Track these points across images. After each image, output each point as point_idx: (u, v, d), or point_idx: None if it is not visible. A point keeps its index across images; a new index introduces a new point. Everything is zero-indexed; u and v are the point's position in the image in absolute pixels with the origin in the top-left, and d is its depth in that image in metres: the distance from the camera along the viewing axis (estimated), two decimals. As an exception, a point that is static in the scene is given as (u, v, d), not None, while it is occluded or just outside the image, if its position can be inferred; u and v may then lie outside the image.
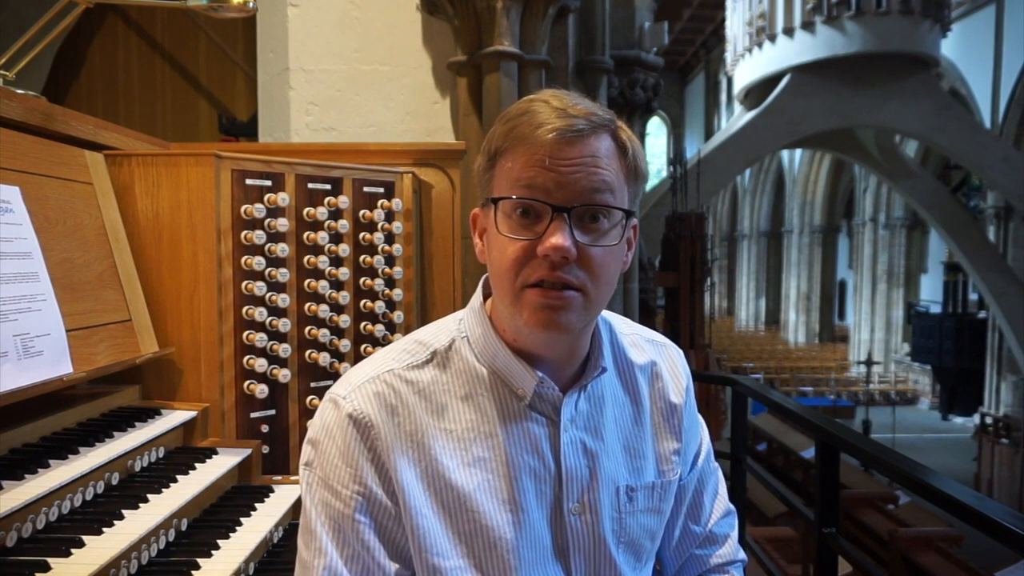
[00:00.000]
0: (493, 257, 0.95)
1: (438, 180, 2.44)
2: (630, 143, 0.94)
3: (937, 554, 7.10)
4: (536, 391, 0.97)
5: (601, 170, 0.90)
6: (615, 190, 0.92)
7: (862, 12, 18.34)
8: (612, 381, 1.06)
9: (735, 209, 33.39)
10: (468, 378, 0.99)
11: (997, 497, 14.26)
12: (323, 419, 0.97)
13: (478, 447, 0.96)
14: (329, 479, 0.94)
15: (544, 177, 0.88)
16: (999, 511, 1.51)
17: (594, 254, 0.90)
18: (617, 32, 4.08)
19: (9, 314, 1.39)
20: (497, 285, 0.95)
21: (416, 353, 1.00)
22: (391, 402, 0.95)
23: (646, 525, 1.05)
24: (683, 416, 1.11)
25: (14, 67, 1.98)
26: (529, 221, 0.90)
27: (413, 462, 0.94)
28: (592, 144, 0.90)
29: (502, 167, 0.92)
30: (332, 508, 0.93)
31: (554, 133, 0.88)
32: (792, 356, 25.81)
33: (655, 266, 8.17)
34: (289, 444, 1.97)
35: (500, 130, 0.93)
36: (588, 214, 0.90)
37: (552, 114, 0.89)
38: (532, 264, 0.89)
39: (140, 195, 1.84)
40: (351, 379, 0.98)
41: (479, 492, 0.95)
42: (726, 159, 18.48)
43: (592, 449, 1.00)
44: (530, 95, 0.96)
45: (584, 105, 0.92)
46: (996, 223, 19.89)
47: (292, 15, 3.37)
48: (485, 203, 0.96)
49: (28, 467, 1.31)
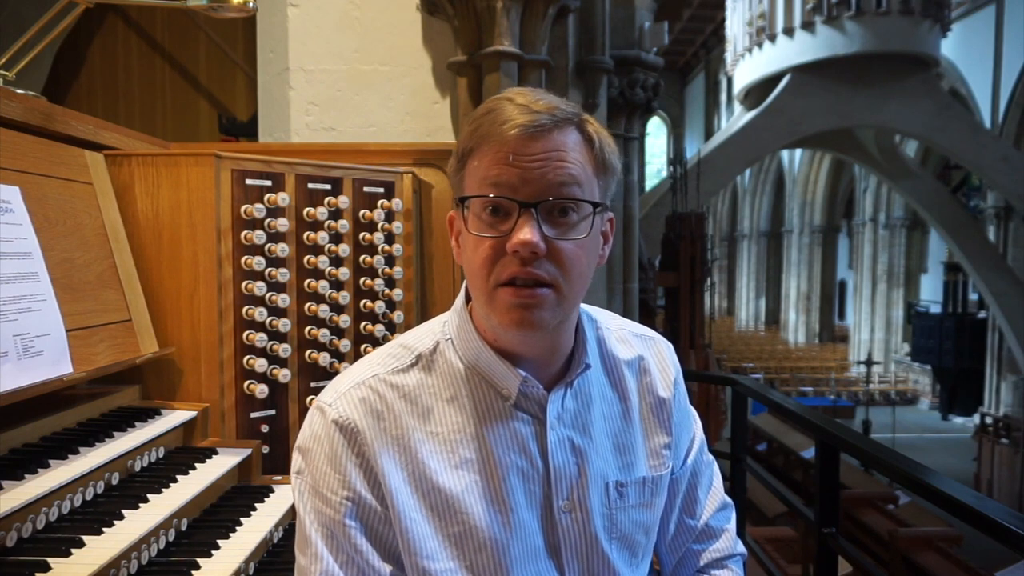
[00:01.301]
0: (466, 258, 0.95)
1: (438, 180, 2.44)
2: (597, 136, 0.95)
3: (937, 554, 7.11)
4: (521, 390, 0.97)
5: (567, 164, 0.90)
6: (583, 183, 0.92)
7: (862, 12, 18.35)
8: (599, 377, 1.06)
9: (735, 209, 33.39)
10: (453, 380, 0.99)
11: (997, 497, 14.26)
12: (311, 427, 0.97)
13: (465, 449, 0.96)
14: (319, 486, 0.94)
15: (509, 174, 0.89)
16: (999, 511, 1.51)
17: (564, 248, 0.90)
18: (617, 32, 4.08)
19: (9, 314, 1.39)
20: (472, 285, 0.95)
21: (401, 357, 1.00)
22: (376, 407, 0.96)
23: (638, 520, 1.05)
24: (672, 410, 1.10)
25: (14, 67, 1.98)
26: (498, 219, 0.90)
27: (400, 466, 0.95)
28: (556, 138, 0.90)
29: (470, 167, 0.93)
30: (323, 515, 0.93)
31: (517, 129, 0.89)
32: (792, 356, 25.81)
33: (655, 266, 8.18)
34: (289, 444, 1.97)
35: (467, 130, 0.94)
36: (556, 208, 0.90)
37: (515, 111, 0.90)
38: (503, 262, 0.90)
39: (140, 195, 1.84)
40: (337, 386, 0.99)
41: (467, 494, 0.95)
42: (726, 159, 18.48)
43: (580, 446, 1.00)
44: (496, 94, 0.97)
45: (548, 100, 0.92)
46: (996, 223, 19.90)
47: (292, 15, 3.37)
48: (456, 204, 0.96)
49: (28, 467, 1.31)
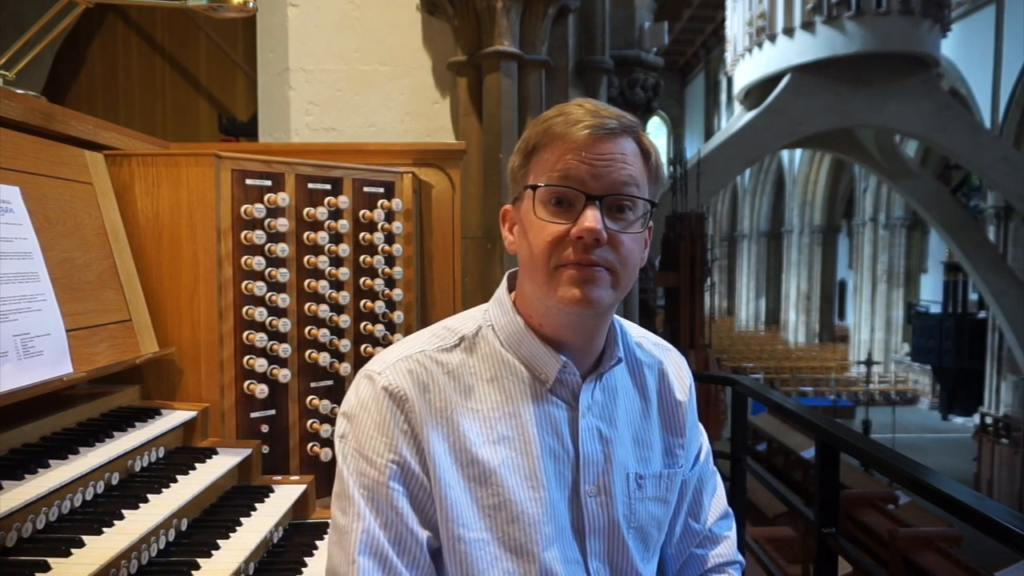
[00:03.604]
0: (529, 241, 1.02)
1: (438, 180, 2.44)
2: (652, 149, 1.05)
3: (937, 554, 7.11)
4: (558, 376, 1.04)
5: (628, 166, 1.00)
6: (640, 186, 1.01)
7: (862, 12, 18.35)
8: (623, 375, 1.13)
9: (735, 209, 33.39)
10: (494, 362, 1.05)
11: (997, 497, 14.26)
12: (358, 393, 1.03)
13: (502, 426, 1.02)
14: (364, 449, 0.99)
15: (579, 168, 0.98)
16: (999, 511, 1.51)
17: (622, 239, 0.99)
18: (617, 32, 4.08)
19: (9, 314, 1.39)
20: (531, 267, 1.02)
21: (445, 338, 1.07)
22: (423, 379, 1.02)
23: (654, 513, 1.11)
24: (687, 414, 1.18)
25: (14, 67, 1.98)
26: (563, 209, 0.99)
27: (443, 436, 1.00)
28: (621, 143, 1.00)
29: (539, 159, 1.01)
30: (367, 476, 0.98)
31: (588, 130, 0.98)
32: (792, 356, 25.82)
33: (655, 266, 8.17)
34: (289, 444, 1.97)
35: (537, 129, 1.02)
36: (616, 204, 0.99)
37: (586, 114, 0.99)
38: (565, 245, 0.98)
39: (140, 195, 1.84)
40: (385, 358, 1.05)
41: (503, 468, 1.00)
42: (726, 159, 18.50)
43: (607, 436, 1.07)
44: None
45: (613, 109, 1.02)
46: (996, 223, 19.91)
47: (292, 15, 3.37)
48: (518, 196, 1.04)
49: (28, 467, 1.31)
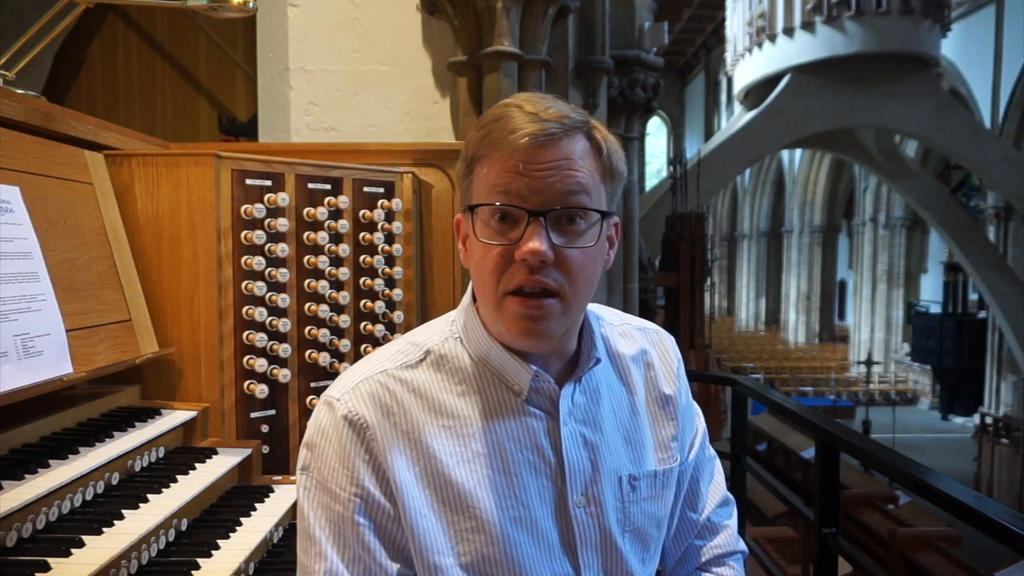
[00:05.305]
0: (475, 263, 0.96)
1: (438, 180, 2.44)
2: (605, 142, 0.95)
3: (937, 554, 7.11)
4: (532, 385, 0.97)
5: (576, 172, 0.91)
6: (591, 191, 0.92)
7: (862, 12, 18.36)
8: (606, 373, 1.06)
9: (735, 209, 33.39)
10: (463, 375, 0.99)
11: (997, 497, 14.25)
12: (318, 422, 0.96)
13: (477, 443, 0.96)
14: (327, 482, 0.93)
15: (519, 182, 0.89)
16: (999, 511, 1.51)
17: (571, 256, 0.91)
18: (617, 32, 4.08)
19: (9, 314, 1.39)
20: (480, 291, 0.96)
21: (409, 354, 1.00)
22: (386, 402, 0.95)
23: (651, 513, 1.05)
24: (677, 402, 1.11)
25: (14, 67, 1.98)
26: (506, 226, 0.91)
27: (411, 461, 0.94)
28: (565, 147, 0.91)
29: (478, 173, 0.94)
30: (331, 511, 0.93)
31: (527, 138, 0.89)
32: (792, 356, 25.81)
33: (655, 266, 8.17)
34: (289, 444, 1.97)
35: (475, 136, 0.94)
36: (564, 216, 0.91)
37: (525, 119, 0.90)
38: (511, 269, 0.91)
39: (140, 195, 1.84)
40: (345, 381, 0.98)
41: (479, 488, 0.94)
42: (726, 159, 18.50)
43: (592, 441, 1.01)
44: (505, 99, 0.97)
45: (557, 108, 0.92)
46: (996, 223, 19.91)
47: (292, 15, 3.37)
48: (465, 209, 0.97)
49: (28, 467, 1.31)
